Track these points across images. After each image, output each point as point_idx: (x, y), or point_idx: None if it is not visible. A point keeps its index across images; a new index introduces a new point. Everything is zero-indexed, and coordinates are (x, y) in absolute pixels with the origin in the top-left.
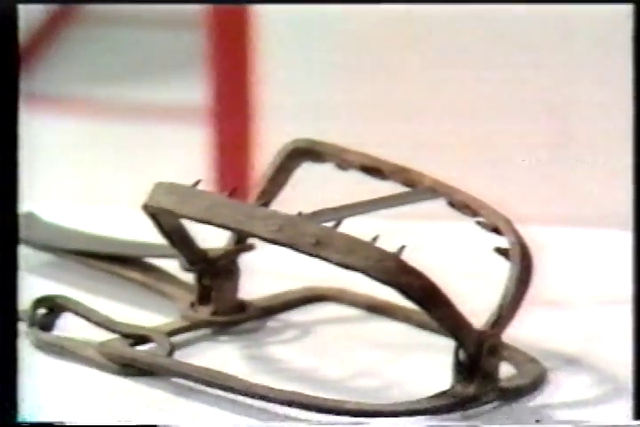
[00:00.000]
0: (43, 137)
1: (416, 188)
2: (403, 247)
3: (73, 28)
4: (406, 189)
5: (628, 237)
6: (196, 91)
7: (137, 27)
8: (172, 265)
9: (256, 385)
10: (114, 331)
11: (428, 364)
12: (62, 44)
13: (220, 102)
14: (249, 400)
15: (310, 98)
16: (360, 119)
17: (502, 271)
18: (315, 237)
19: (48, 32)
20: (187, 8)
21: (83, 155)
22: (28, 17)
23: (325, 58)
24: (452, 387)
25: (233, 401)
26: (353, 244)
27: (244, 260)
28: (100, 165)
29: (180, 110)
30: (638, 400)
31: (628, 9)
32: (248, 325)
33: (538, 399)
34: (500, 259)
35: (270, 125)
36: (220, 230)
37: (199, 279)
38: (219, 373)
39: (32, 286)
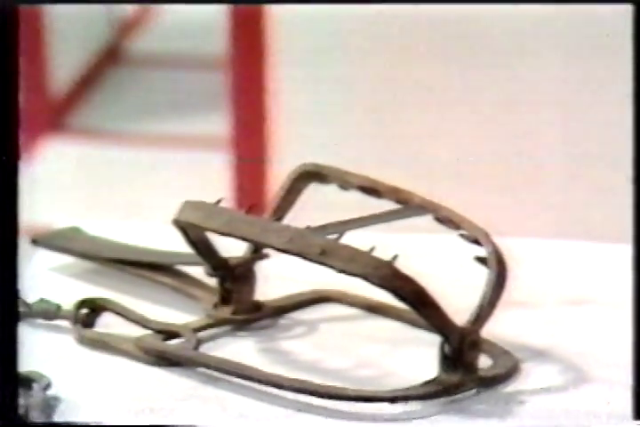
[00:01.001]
0: (88, 164)
1: (407, 205)
2: (396, 256)
3: (115, 69)
4: (399, 207)
5: (589, 247)
6: (218, 123)
7: (169, 67)
8: (197, 271)
9: (270, 374)
10: (148, 328)
11: (418, 356)
12: (106, 83)
13: (238, 132)
14: (264, 387)
15: (320, 129)
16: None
17: (481, 277)
18: (320, 247)
19: (94, 73)
20: (212, 52)
21: (123, 178)
22: (78, 59)
23: (335, 93)
24: (439, 376)
25: (250, 388)
26: (353, 253)
27: (260, 267)
28: (136, 187)
29: (205, 140)
30: (638, 400)
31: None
32: (263, 322)
33: (512, 386)
34: (479, 266)
35: (282, 152)
36: (239, 242)
37: (221, 283)
38: (238, 364)
39: (76, 289)
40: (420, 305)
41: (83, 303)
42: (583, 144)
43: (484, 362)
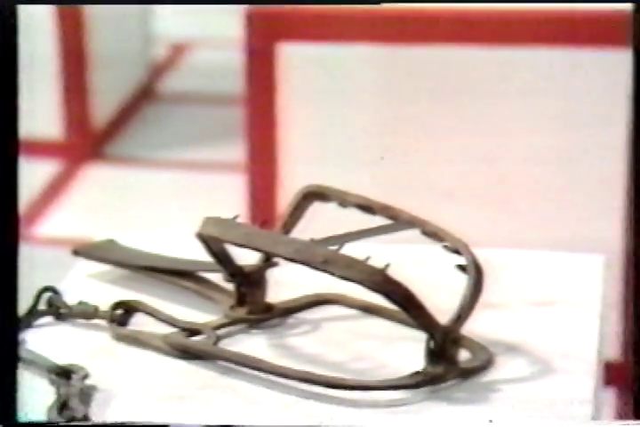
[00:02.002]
0: (123, 186)
1: (397, 221)
2: (388, 265)
3: (148, 105)
4: (390, 222)
5: (556, 256)
6: (236, 151)
7: (195, 104)
8: (217, 277)
9: (279, 366)
10: (174, 326)
11: (407, 351)
12: (141, 117)
13: (252, 158)
14: (273, 378)
15: (325, 155)
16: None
17: (461, 282)
18: (323, 257)
19: (130, 109)
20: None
21: (153, 197)
22: (117, 97)
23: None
24: (425, 368)
25: (262, 378)
26: (351, 262)
27: (271, 273)
28: (164, 205)
29: (224, 165)
30: (638, 400)
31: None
32: (273, 321)
33: (488, 376)
34: (460, 273)
35: (290, 175)
36: (253, 252)
37: (237, 288)
38: (251, 357)
39: (111, 293)
40: (408, 307)
41: (117, 305)
42: (558, 167)
43: (463, 356)
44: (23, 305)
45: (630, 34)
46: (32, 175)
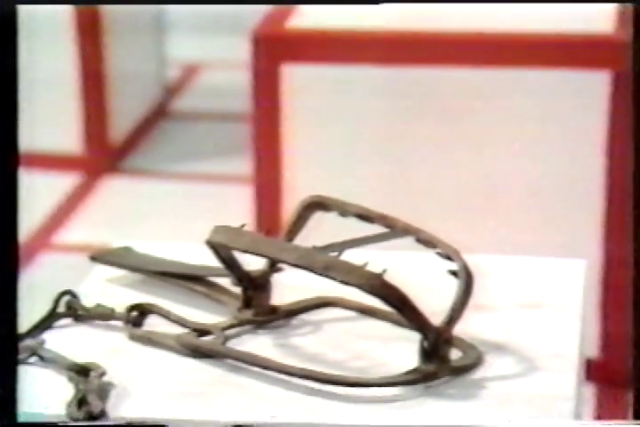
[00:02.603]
0: (138, 196)
1: (393, 229)
2: (385, 270)
3: (163, 122)
4: (387, 230)
5: (541, 262)
6: (243, 164)
7: (205, 121)
8: (225, 282)
9: (283, 364)
10: (185, 327)
11: (402, 350)
12: (155, 133)
13: (258, 171)
14: (278, 375)
15: (326, 167)
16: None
17: (452, 286)
18: (324, 263)
19: (146, 125)
20: (239, 109)
21: (166, 207)
22: (133, 114)
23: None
24: (419, 366)
25: (267, 375)
26: (350, 268)
27: (275, 278)
28: (177, 214)
29: (232, 177)
30: (638, 400)
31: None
32: (278, 323)
33: (478, 374)
34: (452, 278)
35: (293, 186)
36: (259, 258)
37: (244, 291)
38: (257, 356)
39: (127, 296)
40: (403, 309)
41: (132, 307)
42: (540, 179)
43: (455, 354)
44: (44, 308)
45: (630, 33)
46: (54, 187)
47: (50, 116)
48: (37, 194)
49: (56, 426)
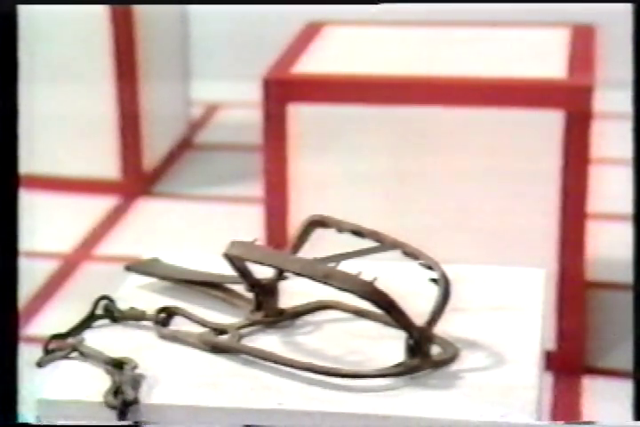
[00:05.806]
0: (168, 216)
1: (383, 243)
2: (375, 278)
3: (188, 153)
4: (377, 244)
5: (508, 270)
6: (256, 188)
7: (225, 151)
8: (239, 288)
9: (289, 359)
10: (206, 326)
11: (390, 347)
12: (182, 162)
13: (269, 194)
14: (284, 368)
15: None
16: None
17: (433, 292)
18: (324, 272)
19: (173, 156)
20: (253, 141)
21: (190, 225)
22: (163, 145)
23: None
24: (405, 361)
25: (275, 368)
26: (346, 276)
27: (282, 285)
28: (199, 230)
29: (247, 199)
30: (638, 400)
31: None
32: (284, 323)
33: (455, 367)
34: (432, 285)
35: (298, 207)
36: (269, 268)
37: (256, 296)
38: (267, 351)
39: (156, 300)
40: (391, 311)
41: (161, 310)
42: (509, 199)
43: (435, 350)
44: (85, 310)
45: (631, 34)
46: (96, 207)
47: (94, 149)
48: (82, 213)
49: (56, 426)
